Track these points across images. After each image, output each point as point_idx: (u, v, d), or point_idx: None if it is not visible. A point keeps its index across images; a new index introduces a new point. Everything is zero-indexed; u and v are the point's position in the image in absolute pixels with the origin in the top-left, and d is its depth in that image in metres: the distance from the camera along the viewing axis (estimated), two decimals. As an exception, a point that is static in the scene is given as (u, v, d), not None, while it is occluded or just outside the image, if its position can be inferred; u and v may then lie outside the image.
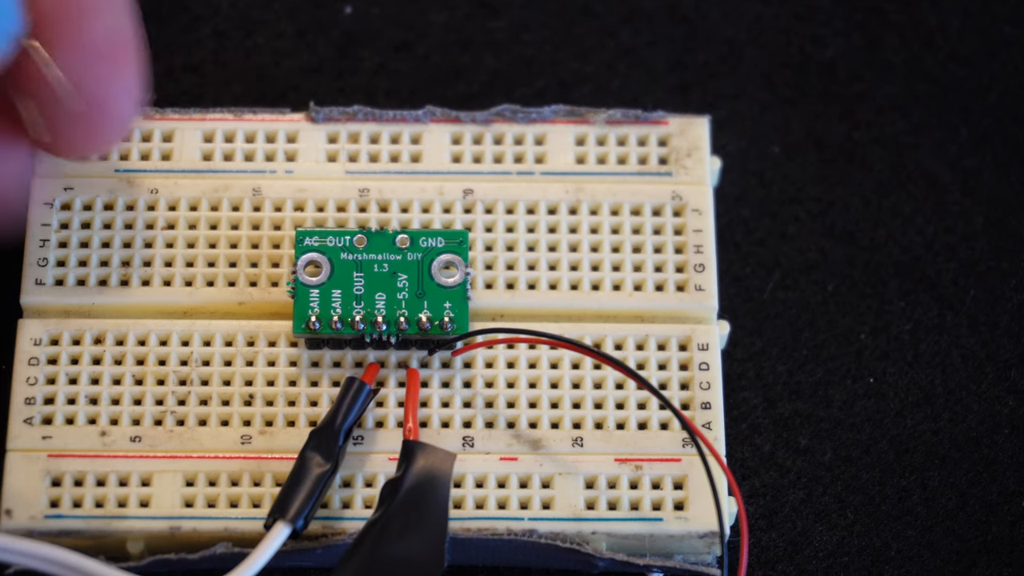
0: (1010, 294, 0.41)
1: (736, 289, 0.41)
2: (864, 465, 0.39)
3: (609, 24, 0.44)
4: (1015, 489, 0.39)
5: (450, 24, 0.44)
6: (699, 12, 0.45)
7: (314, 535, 0.36)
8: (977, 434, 0.40)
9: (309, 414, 0.37)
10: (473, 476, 0.37)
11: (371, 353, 0.38)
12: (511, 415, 0.37)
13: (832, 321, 0.41)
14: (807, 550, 0.39)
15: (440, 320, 0.37)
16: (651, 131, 0.40)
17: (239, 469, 0.36)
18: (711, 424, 0.37)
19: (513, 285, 0.38)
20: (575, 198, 0.39)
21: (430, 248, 0.38)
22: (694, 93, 0.44)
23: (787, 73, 0.44)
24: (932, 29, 0.45)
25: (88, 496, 0.36)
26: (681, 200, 0.39)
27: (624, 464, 0.37)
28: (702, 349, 0.38)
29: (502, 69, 0.44)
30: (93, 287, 0.38)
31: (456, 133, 0.40)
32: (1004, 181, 0.43)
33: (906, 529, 0.39)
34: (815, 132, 0.43)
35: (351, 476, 0.36)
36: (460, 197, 0.39)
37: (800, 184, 0.43)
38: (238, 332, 0.38)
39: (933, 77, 0.44)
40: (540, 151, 0.40)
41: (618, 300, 0.38)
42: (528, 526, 0.36)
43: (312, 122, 0.40)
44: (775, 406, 0.40)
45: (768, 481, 0.39)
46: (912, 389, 0.40)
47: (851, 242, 0.42)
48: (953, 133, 0.43)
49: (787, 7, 0.45)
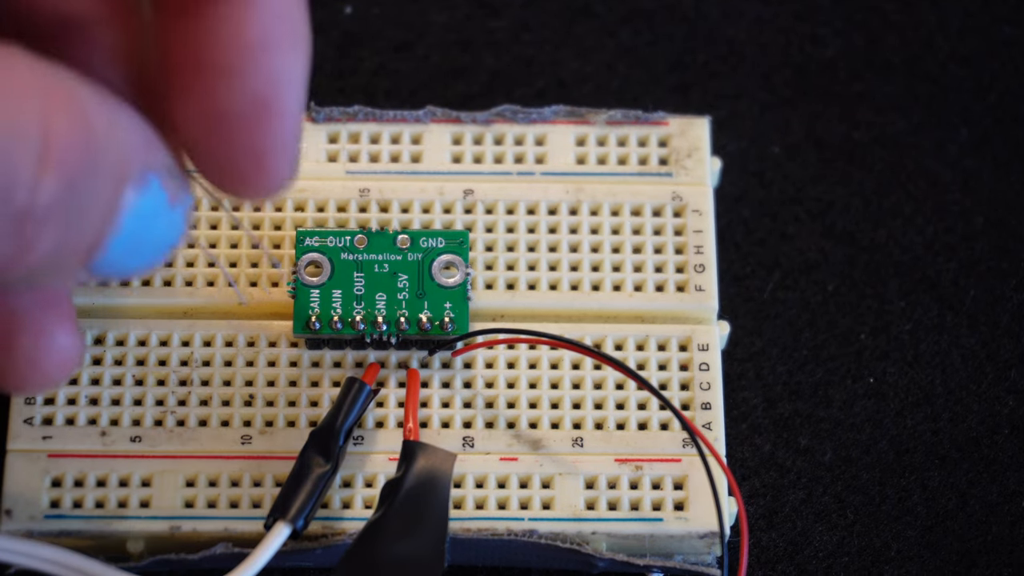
0: (1010, 294, 0.41)
1: (736, 289, 0.41)
2: (864, 465, 0.39)
3: (609, 24, 0.44)
4: (1015, 489, 0.39)
5: (450, 24, 0.44)
6: (699, 12, 0.45)
7: (314, 535, 0.36)
8: (977, 434, 0.40)
9: (309, 414, 0.37)
10: (473, 476, 0.37)
11: (371, 353, 0.38)
12: (511, 415, 0.37)
13: (832, 321, 0.41)
14: (807, 550, 0.39)
15: (440, 320, 0.37)
16: (651, 131, 0.40)
17: (239, 469, 0.36)
18: (711, 424, 0.37)
19: (513, 285, 0.38)
20: (575, 198, 0.39)
21: (430, 248, 0.38)
22: (694, 93, 0.44)
23: (787, 73, 0.44)
24: (932, 29, 0.45)
25: (88, 496, 0.36)
26: (681, 200, 0.39)
27: (624, 464, 0.37)
28: (702, 349, 0.38)
29: (502, 69, 0.44)
30: (94, 287, 0.38)
31: (456, 133, 0.40)
32: (1004, 181, 0.43)
33: (906, 529, 0.39)
34: (815, 132, 0.43)
35: (351, 476, 0.36)
36: (461, 197, 0.39)
37: (800, 184, 0.43)
38: (238, 332, 0.38)
39: (933, 77, 0.44)
40: (540, 151, 0.40)
41: (618, 300, 0.38)
42: (528, 526, 0.36)
43: (312, 122, 0.40)
44: (775, 406, 0.40)
45: (768, 481, 0.39)
46: (912, 389, 0.40)
47: (851, 242, 0.42)
48: (953, 133, 0.43)
49: (787, 7, 0.45)
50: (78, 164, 0.26)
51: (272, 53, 0.28)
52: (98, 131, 0.27)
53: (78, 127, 0.26)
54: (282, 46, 0.28)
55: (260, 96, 0.28)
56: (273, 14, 0.28)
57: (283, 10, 0.28)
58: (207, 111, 0.28)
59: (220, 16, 0.28)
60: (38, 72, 0.26)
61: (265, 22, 0.28)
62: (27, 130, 0.26)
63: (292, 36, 0.28)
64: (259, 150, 0.29)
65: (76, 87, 0.27)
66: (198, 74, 0.28)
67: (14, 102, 0.26)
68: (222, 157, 0.29)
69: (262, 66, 0.28)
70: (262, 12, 0.28)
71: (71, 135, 0.26)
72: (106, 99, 0.28)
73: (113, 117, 0.27)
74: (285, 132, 0.29)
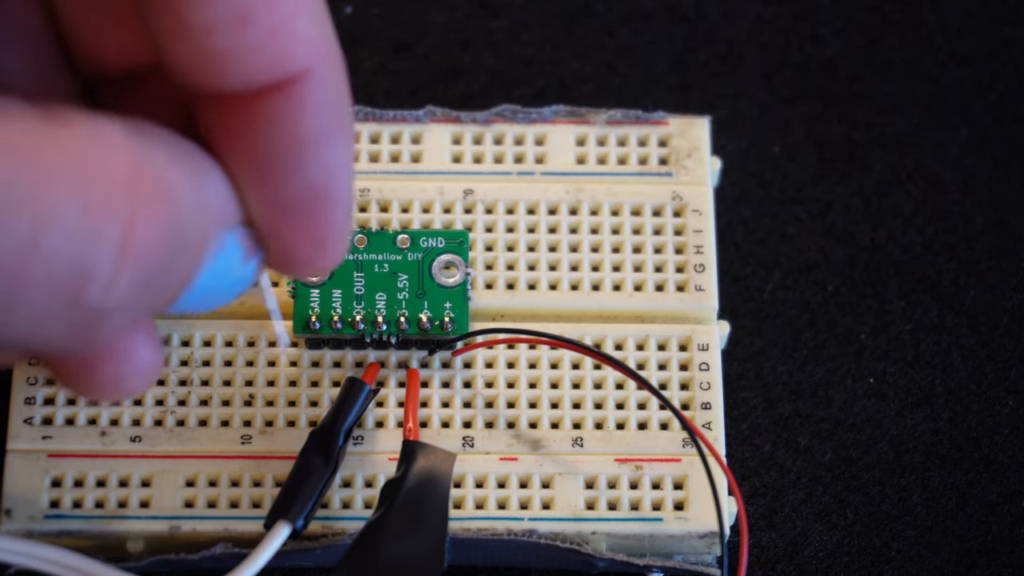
0: (1010, 294, 0.41)
1: (736, 289, 0.41)
2: (864, 465, 0.39)
3: (609, 24, 0.44)
4: (1015, 489, 0.39)
5: (450, 24, 0.44)
6: (699, 12, 0.45)
7: (314, 535, 0.36)
8: (977, 434, 0.40)
9: (309, 414, 0.37)
10: (473, 476, 0.37)
11: (371, 353, 0.38)
12: (511, 415, 0.37)
13: (832, 321, 0.41)
14: (807, 550, 0.39)
15: (440, 320, 0.37)
16: (651, 131, 0.40)
17: (239, 469, 0.36)
18: (711, 424, 0.37)
19: (513, 285, 0.38)
20: (575, 198, 0.39)
21: (430, 248, 0.38)
22: (694, 93, 0.44)
23: (787, 73, 0.44)
24: (932, 29, 0.45)
25: (88, 496, 0.36)
26: (681, 200, 0.39)
27: (624, 464, 0.37)
28: (702, 349, 0.38)
29: (502, 69, 0.44)
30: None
31: (456, 133, 0.40)
32: (1004, 181, 0.43)
33: (906, 529, 0.39)
34: (815, 132, 0.43)
35: (351, 476, 0.36)
36: (460, 197, 0.39)
37: (800, 184, 0.43)
38: (238, 332, 0.38)
39: (933, 77, 0.44)
40: (540, 151, 0.40)
41: (618, 300, 0.38)
42: (528, 526, 0.36)
43: (312, 122, 0.40)
44: (775, 406, 0.40)
45: (768, 481, 0.39)
46: (912, 389, 0.40)
47: (851, 242, 0.42)
48: (953, 133, 0.43)
49: (787, 7, 0.45)
50: (158, 259, 0.26)
51: (325, 145, 0.28)
52: (184, 214, 0.27)
53: (163, 219, 0.26)
54: (333, 136, 0.28)
55: (315, 187, 0.28)
56: (324, 107, 0.28)
57: (332, 101, 0.28)
58: (262, 200, 0.29)
59: (272, 112, 0.28)
60: (128, 152, 0.26)
61: (317, 116, 0.28)
62: (110, 227, 0.26)
63: (341, 124, 0.29)
64: (314, 237, 0.29)
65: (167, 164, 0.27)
66: (250, 167, 0.28)
67: (100, 194, 0.25)
68: (277, 243, 0.29)
69: (316, 158, 0.28)
70: (314, 106, 0.28)
71: (155, 230, 0.26)
72: (194, 162, 0.27)
73: (200, 184, 0.27)
74: (339, 217, 0.29)
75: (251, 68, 0.27)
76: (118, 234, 0.25)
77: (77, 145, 0.25)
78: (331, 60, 0.28)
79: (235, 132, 0.28)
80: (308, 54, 0.28)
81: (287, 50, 0.27)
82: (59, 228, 0.25)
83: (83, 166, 0.25)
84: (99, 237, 0.25)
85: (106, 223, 0.25)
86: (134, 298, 0.26)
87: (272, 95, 0.28)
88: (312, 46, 0.28)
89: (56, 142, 0.25)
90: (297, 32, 0.27)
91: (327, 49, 0.28)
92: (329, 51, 0.28)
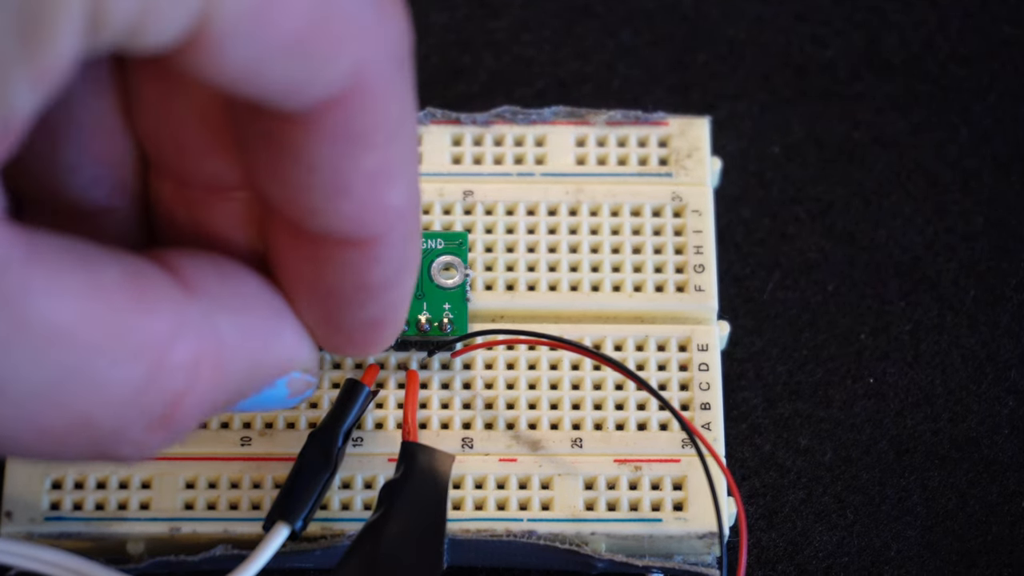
0: (1010, 294, 0.41)
1: (736, 289, 0.41)
2: (864, 465, 0.39)
3: (609, 24, 0.44)
4: (1015, 489, 0.39)
5: (450, 24, 0.44)
6: (699, 12, 0.45)
7: (313, 536, 0.36)
8: (977, 434, 0.40)
9: (309, 416, 0.37)
10: (472, 477, 0.37)
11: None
12: (510, 416, 0.37)
13: (832, 321, 0.41)
14: (807, 550, 0.39)
15: (439, 321, 0.37)
16: (651, 132, 0.40)
17: (239, 471, 0.36)
18: (711, 425, 0.37)
19: (513, 286, 0.38)
20: (575, 199, 0.39)
21: (429, 249, 0.38)
22: (694, 93, 0.44)
23: (787, 73, 0.44)
24: (932, 29, 0.44)
25: (88, 498, 0.36)
26: (681, 201, 0.39)
27: (623, 465, 0.37)
28: (702, 350, 0.38)
29: (502, 69, 0.44)
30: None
31: (456, 134, 0.40)
32: (1004, 181, 0.43)
33: (906, 529, 0.39)
34: (815, 132, 0.43)
35: (350, 477, 0.36)
36: (460, 198, 0.39)
37: (800, 184, 0.43)
38: (238, 334, 0.38)
39: (933, 77, 0.44)
40: (540, 152, 0.40)
41: (618, 301, 0.38)
42: (527, 527, 0.36)
43: (312, 123, 0.40)
44: (775, 406, 0.40)
45: (768, 481, 0.39)
46: (912, 389, 0.40)
47: (851, 242, 0.42)
48: (953, 133, 0.43)
49: (787, 7, 0.45)
50: (195, 421, 0.27)
51: (391, 290, 0.29)
52: (238, 381, 0.27)
53: (213, 393, 0.27)
54: (402, 281, 0.29)
55: (375, 321, 0.30)
56: (397, 261, 0.29)
57: (405, 256, 0.29)
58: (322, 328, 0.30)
59: (345, 261, 0.28)
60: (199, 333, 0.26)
61: (388, 268, 0.29)
62: (156, 406, 0.26)
63: (410, 273, 0.30)
64: (364, 350, 0.31)
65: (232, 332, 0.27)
66: (316, 303, 0.29)
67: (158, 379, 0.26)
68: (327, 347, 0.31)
69: (380, 302, 0.29)
70: (386, 262, 0.29)
71: (200, 406, 0.27)
72: (268, 316, 0.28)
73: (267, 343, 0.28)
74: (391, 336, 0.31)
75: (334, 227, 0.28)
76: (161, 411, 0.26)
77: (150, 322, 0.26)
78: (413, 222, 0.29)
79: (305, 265, 0.29)
80: (393, 221, 0.28)
81: (375, 219, 0.28)
82: (110, 404, 0.26)
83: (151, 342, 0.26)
84: (144, 414, 0.26)
85: (154, 404, 0.26)
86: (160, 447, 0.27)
87: (348, 246, 0.28)
88: (398, 214, 0.28)
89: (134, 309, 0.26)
90: (388, 205, 0.28)
91: (412, 214, 0.29)
92: (413, 216, 0.29)
